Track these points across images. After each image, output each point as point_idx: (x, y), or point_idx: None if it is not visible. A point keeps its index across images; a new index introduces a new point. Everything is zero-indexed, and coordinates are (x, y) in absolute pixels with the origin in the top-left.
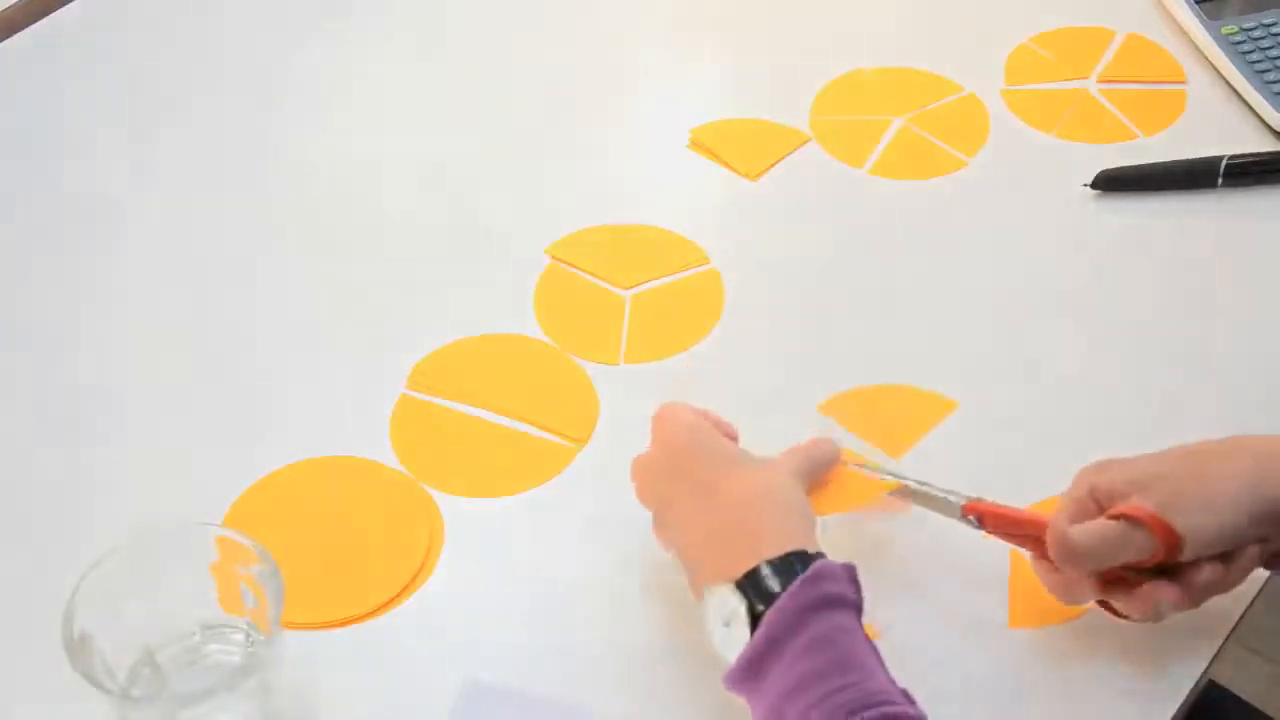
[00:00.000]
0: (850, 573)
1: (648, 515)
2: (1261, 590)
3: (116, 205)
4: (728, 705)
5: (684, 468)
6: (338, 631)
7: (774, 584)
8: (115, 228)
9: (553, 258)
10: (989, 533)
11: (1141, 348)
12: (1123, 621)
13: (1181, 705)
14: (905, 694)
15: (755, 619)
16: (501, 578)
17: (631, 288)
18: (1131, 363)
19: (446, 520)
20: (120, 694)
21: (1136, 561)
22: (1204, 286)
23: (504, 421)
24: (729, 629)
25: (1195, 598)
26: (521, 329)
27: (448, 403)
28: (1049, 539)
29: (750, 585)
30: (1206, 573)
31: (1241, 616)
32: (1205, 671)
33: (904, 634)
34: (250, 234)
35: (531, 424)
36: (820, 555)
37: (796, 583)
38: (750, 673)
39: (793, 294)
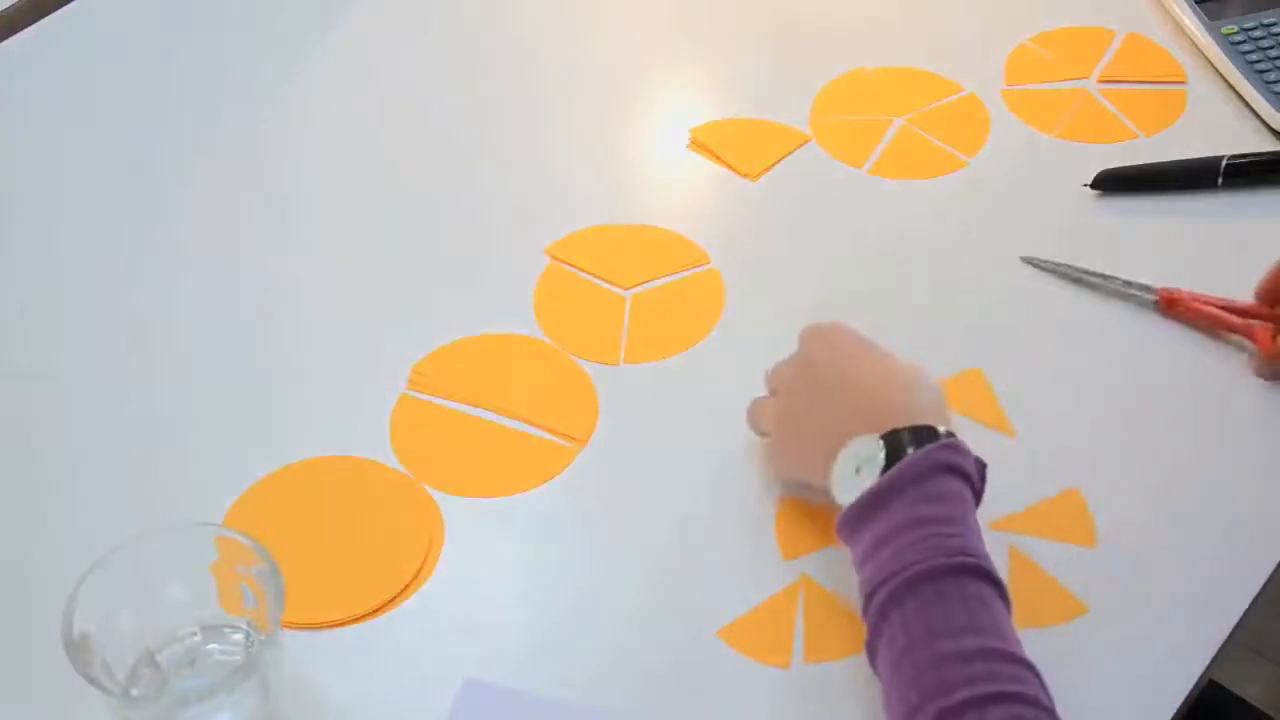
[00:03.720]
0: (980, 464)
1: (647, 514)
2: (1262, 590)
3: (116, 205)
4: (728, 705)
5: (821, 354)
6: (338, 631)
7: (912, 445)
8: (115, 228)
9: (553, 257)
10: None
11: (1141, 348)
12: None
13: (1181, 705)
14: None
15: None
16: (501, 578)
17: (631, 288)
18: (1131, 363)
19: (446, 520)
20: (120, 694)
21: None
22: (1204, 286)
23: (504, 421)
24: (859, 475)
25: None
26: (521, 329)
27: (448, 403)
28: None
29: (892, 440)
30: None
31: (1242, 617)
32: (1205, 671)
33: None
34: (250, 233)
35: (531, 424)
36: (954, 436)
37: (933, 444)
38: (871, 505)
39: (793, 294)
